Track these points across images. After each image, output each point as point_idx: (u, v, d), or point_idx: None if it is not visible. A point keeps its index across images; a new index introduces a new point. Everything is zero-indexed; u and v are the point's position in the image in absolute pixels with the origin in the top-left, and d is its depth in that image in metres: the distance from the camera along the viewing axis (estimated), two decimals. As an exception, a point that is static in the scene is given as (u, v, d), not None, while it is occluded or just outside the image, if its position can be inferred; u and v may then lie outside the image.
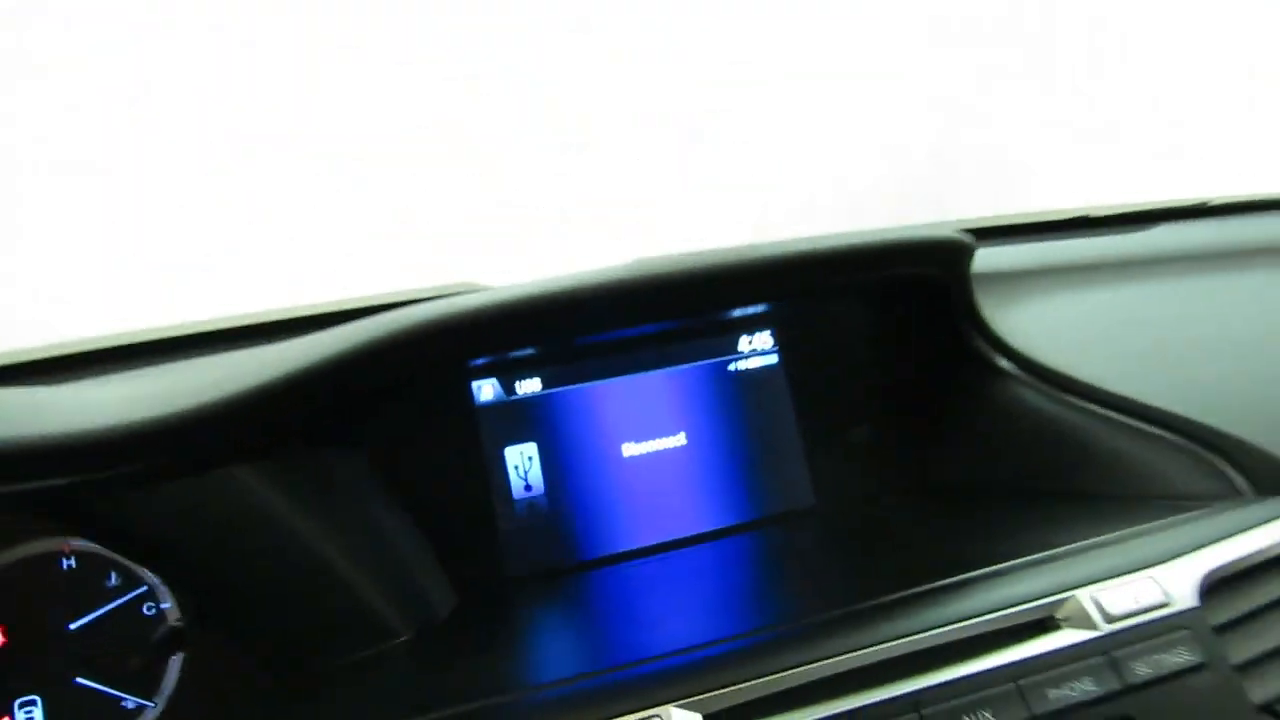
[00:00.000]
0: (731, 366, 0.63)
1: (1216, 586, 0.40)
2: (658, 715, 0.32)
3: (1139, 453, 0.51)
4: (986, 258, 0.71)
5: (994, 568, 0.40)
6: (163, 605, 0.47)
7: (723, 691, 0.33)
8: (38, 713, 0.43)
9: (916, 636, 0.35)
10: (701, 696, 0.33)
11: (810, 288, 0.55)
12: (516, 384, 0.59)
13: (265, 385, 0.43)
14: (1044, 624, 0.37)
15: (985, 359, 0.58)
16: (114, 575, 0.46)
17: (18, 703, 0.42)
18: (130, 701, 0.45)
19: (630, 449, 0.60)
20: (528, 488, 0.58)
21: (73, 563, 0.46)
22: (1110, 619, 0.37)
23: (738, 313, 0.62)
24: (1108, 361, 0.57)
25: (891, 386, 0.63)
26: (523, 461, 0.58)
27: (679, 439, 0.61)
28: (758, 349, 0.64)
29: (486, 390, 0.59)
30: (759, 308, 0.61)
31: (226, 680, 0.46)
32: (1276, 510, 0.43)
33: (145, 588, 0.46)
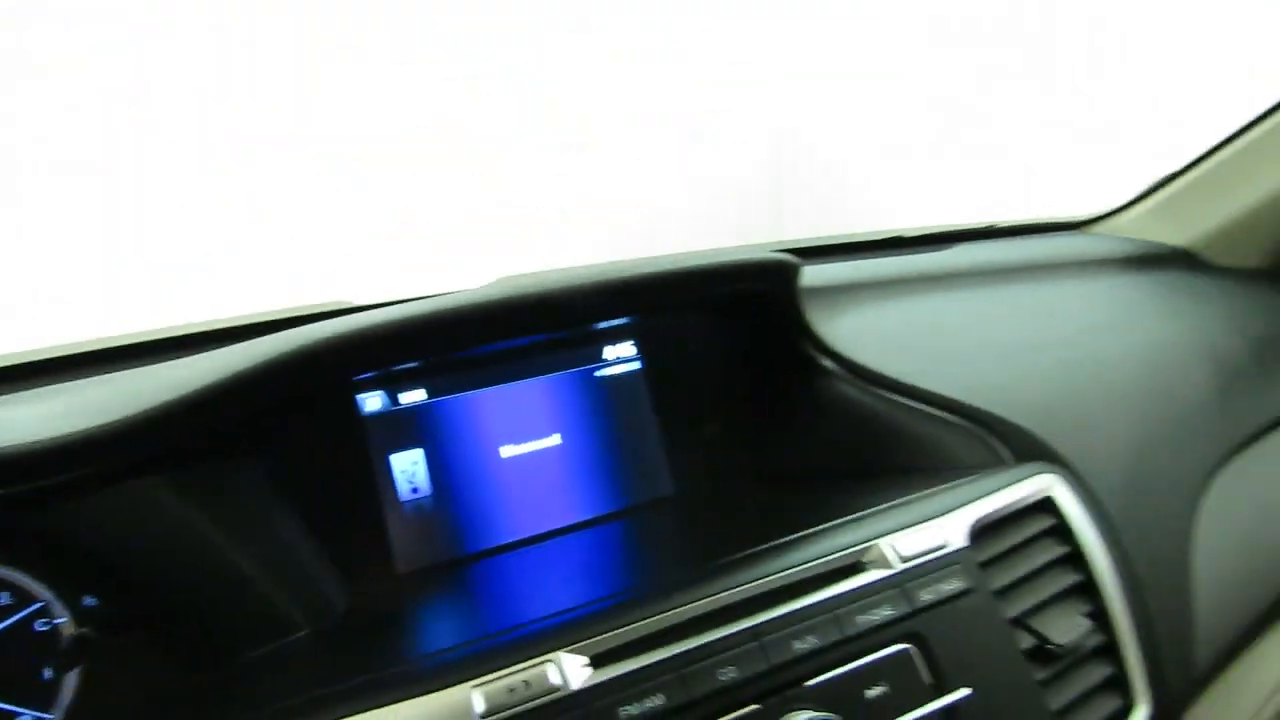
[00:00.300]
0: (598, 373, 0.70)
1: (982, 531, 0.51)
2: (550, 660, 0.38)
3: (932, 432, 0.62)
4: (819, 273, 0.83)
5: (816, 528, 0.49)
6: (57, 620, 0.48)
7: (603, 636, 0.40)
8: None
9: (754, 584, 0.44)
10: (586, 642, 0.40)
11: (657, 304, 0.64)
12: (401, 395, 0.64)
13: (165, 405, 0.46)
14: (853, 567, 0.46)
15: (813, 361, 0.68)
16: (5, 595, 0.48)
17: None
18: (27, 716, 0.46)
19: (509, 450, 0.66)
20: (415, 490, 0.63)
21: None
22: (903, 559, 0.47)
23: (603, 325, 0.70)
24: (911, 360, 0.69)
25: (738, 387, 0.72)
26: (409, 466, 0.63)
27: (553, 440, 0.68)
28: (621, 357, 0.71)
29: (373, 401, 0.63)
30: (620, 320, 0.69)
31: (128, 688, 0.48)
32: (1027, 472, 0.55)
33: (40, 604, 0.48)
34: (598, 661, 0.39)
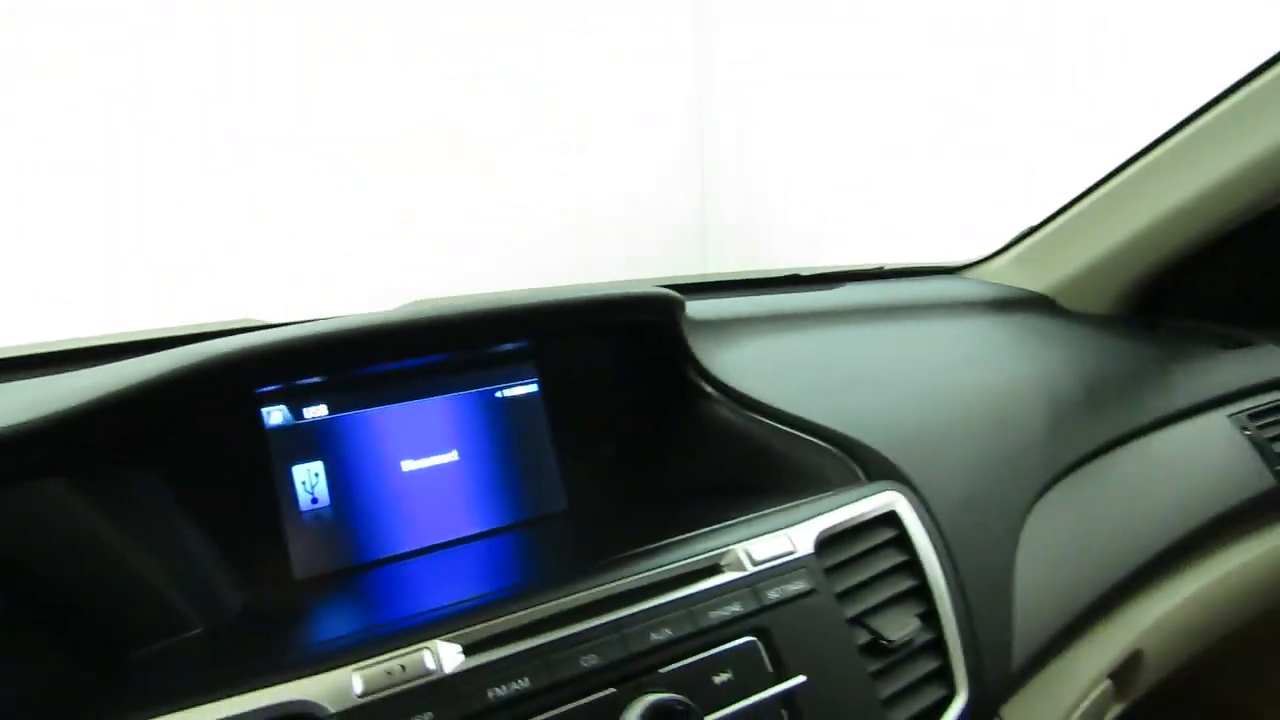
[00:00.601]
0: (498, 394, 0.75)
1: (830, 541, 0.57)
2: (427, 647, 0.43)
3: (798, 453, 0.69)
4: (713, 306, 0.89)
5: (682, 536, 0.55)
6: (-53, 618, 0.49)
7: (477, 627, 0.44)
8: None
9: (619, 582, 0.49)
10: (461, 632, 0.44)
11: (547, 331, 0.69)
12: (304, 409, 0.67)
13: (67, 411, 0.48)
14: (711, 569, 0.52)
15: (696, 386, 0.74)
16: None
17: None
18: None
19: (409, 465, 0.70)
20: (314, 500, 0.66)
21: None
22: (754, 563, 0.52)
23: (503, 349, 0.74)
24: (786, 388, 0.76)
25: (629, 409, 0.78)
26: (309, 478, 0.66)
27: (451, 456, 0.72)
28: (520, 379, 0.76)
29: (275, 415, 0.66)
30: (518, 345, 0.74)
31: (17, 683, 0.49)
32: (875, 489, 0.62)
33: None
34: (470, 650, 0.43)
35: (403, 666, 0.41)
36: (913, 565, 0.60)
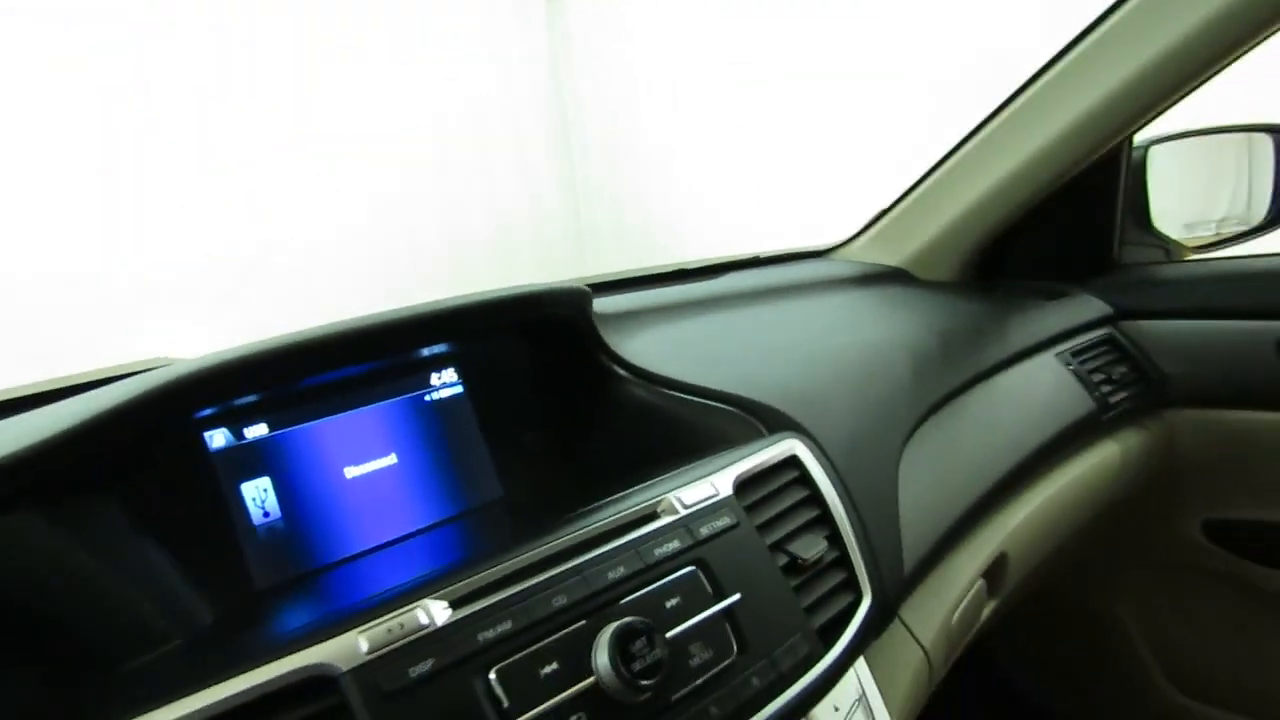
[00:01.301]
0: (427, 398, 0.80)
1: (746, 484, 0.66)
2: (419, 606, 0.48)
3: (706, 418, 0.78)
4: (613, 302, 0.98)
5: (621, 493, 0.63)
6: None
7: (457, 585, 0.50)
8: None
9: (574, 534, 0.56)
10: (444, 590, 0.50)
11: (470, 331, 0.76)
12: (244, 430, 0.70)
13: (31, 447, 0.51)
14: (649, 516, 0.60)
15: (609, 370, 0.82)
16: None
17: None
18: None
19: (351, 471, 0.74)
20: (266, 514, 0.69)
21: None
22: (685, 506, 0.61)
23: (425, 354, 0.80)
24: (689, 365, 0.85)
25: (550, 399, 0.85)
26: (259, 493, 0.69)
27: (390, 459, 0.76)
28: (446, 382, 0.81)
29: (218, 438, 0.69)
30: (441, 348, 0.79)
31: (6, 711, 0.51)
32: (777, 439, 0.72)
33: None
34: (456, 605, 0.49)
35: (401, 624, 0.47)
36: (815, 498, 0.70)
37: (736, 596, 0.58)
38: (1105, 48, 0.95)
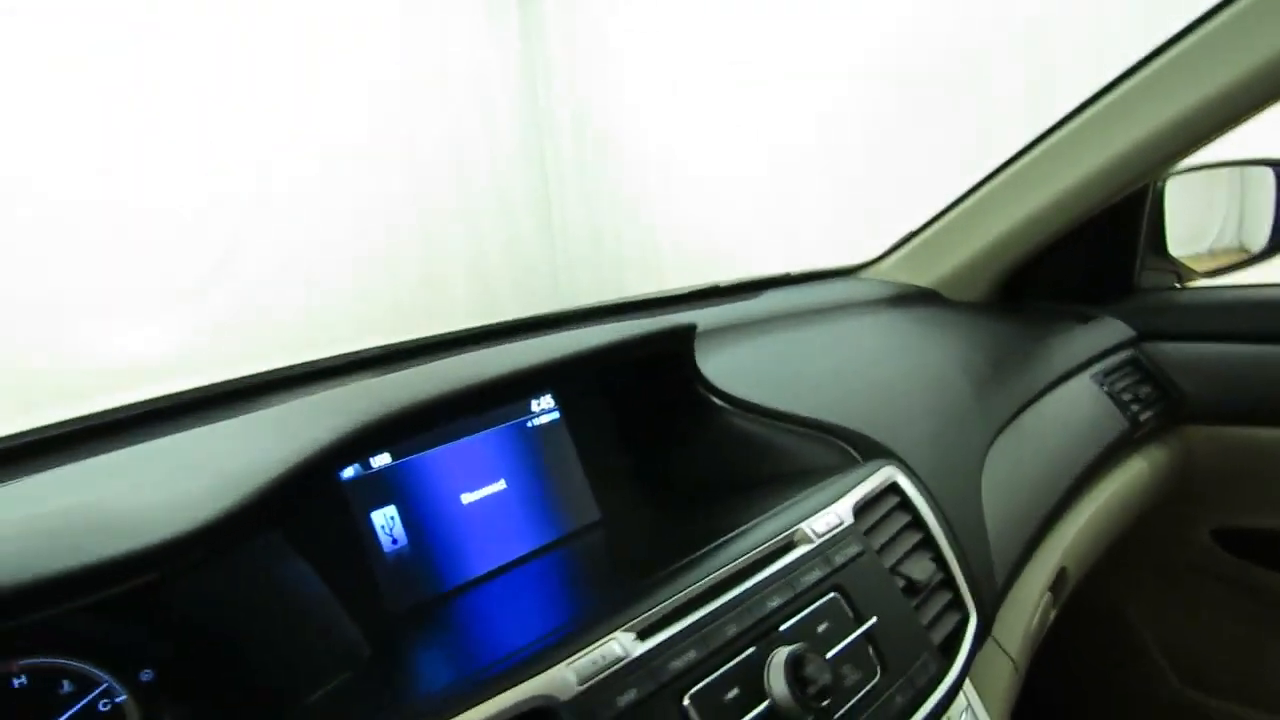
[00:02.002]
0: (529, 424, 0.82)
1: (861, 509, 0.70)
2: (613, 639, 0.51)
3: (796, 444, 0.82)
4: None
5: (752, 522, 0.66)
6: (118, 699, 0.52)
7: (642, 617, 0.53)
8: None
9: (732, 564, 0.59)
10: (631, 622, 0.53)
11: (582, 374, 0.80)
12: (372, 459, 0.72)
13: (241, 500, 0.52)
14: (789, 546, 0.63)
15: (702, 398, 0.86)
16: (66, 683, 0.51)
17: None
18: (98, 792, 0.50)
19: (467, 497, 0.76)
20: (394, 541, 0.71)
21: (24, 680, 0.49)
22: (818, 535, 0.64)
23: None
24: (766, 389, 0.88)
25: (644, 422, 0.88)
26: (387, 521, 0.71)
27: (500, 485, 0.79)
28: (545, 408, 0.84)
29: (349, 470, 0.71)
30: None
31: None
32: (876, 466, 0.76)
33: (102, 685, 0.51)
34: (643, 635, 0.52)
35: (602, 655, 0.50)
36: (917, 523, 0.74)
37: (874, 619, 0.62)
38: (1150, 89, 1.01)
